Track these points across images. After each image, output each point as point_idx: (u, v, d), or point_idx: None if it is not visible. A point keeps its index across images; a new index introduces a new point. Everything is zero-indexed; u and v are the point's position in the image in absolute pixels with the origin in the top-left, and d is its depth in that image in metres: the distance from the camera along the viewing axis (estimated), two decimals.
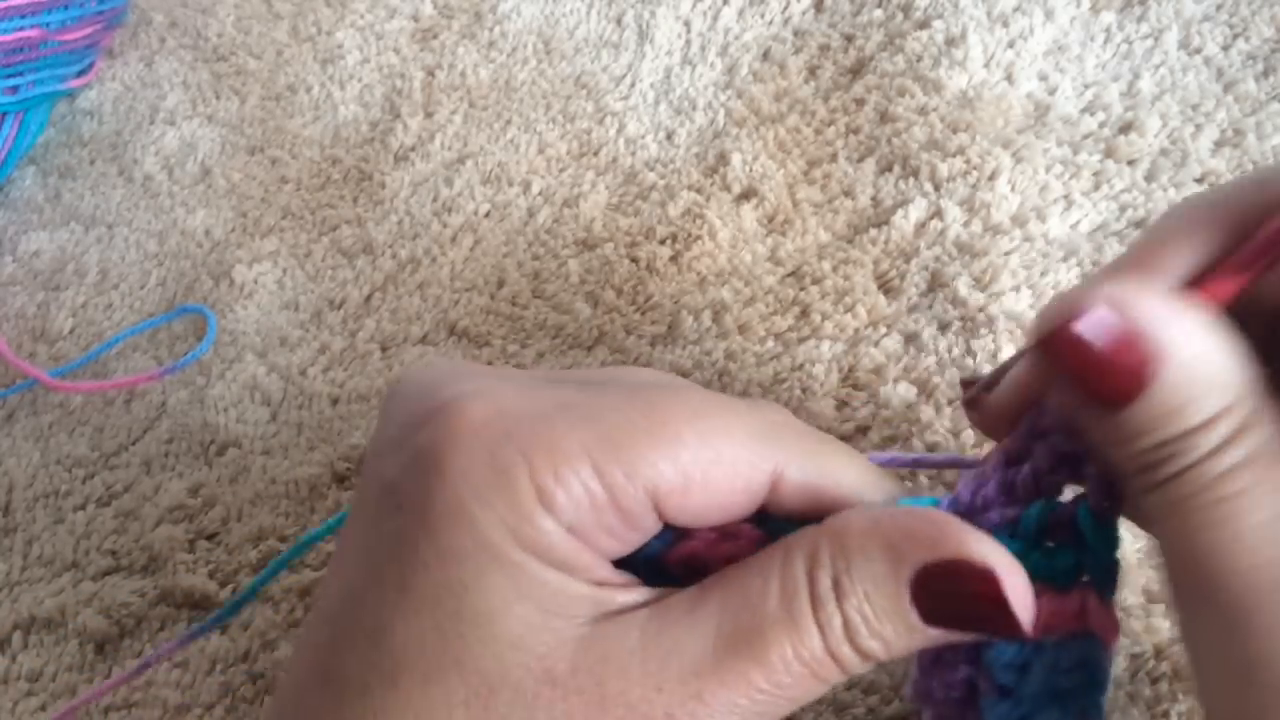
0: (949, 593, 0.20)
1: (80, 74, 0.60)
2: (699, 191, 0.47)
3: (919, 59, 0.48)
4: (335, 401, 0.44)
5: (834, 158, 0.46)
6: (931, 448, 0.36)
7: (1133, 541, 0.32)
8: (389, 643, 0.21)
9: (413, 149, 0.53)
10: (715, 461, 0.22)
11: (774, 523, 0.23)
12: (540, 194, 0.49)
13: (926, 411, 0.37)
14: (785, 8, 0.53)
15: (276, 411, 0.45)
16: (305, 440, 0.43)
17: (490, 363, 0.44)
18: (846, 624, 0.21)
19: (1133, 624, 0.31)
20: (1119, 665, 0.31)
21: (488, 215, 0.49)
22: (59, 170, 0.58)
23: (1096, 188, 0.42)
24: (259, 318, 0.48)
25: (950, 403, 0.37)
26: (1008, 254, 0.41)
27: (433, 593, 0.21)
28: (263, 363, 0.46)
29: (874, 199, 0.44)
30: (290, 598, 0.38)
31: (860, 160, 0.46)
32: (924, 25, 0.49)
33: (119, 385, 0.47)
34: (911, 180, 0.44)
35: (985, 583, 0.20)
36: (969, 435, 0.36)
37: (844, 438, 0.37)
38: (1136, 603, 0.31)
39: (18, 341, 0.51)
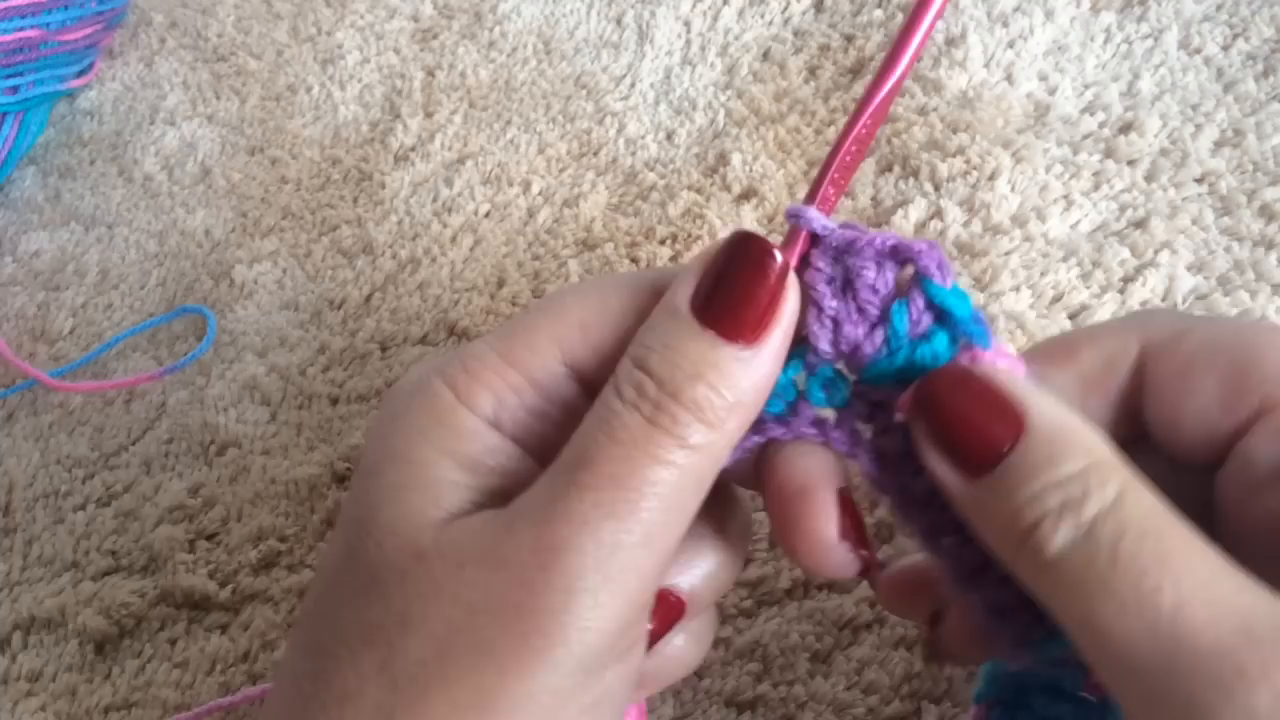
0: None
1: (80, 74, 0.60)
2: (699, 191, 0.47)
3: (919, 59, 0.48)
4: (335, 401, 0.44)
5: None
6: None
7: None
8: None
9: (413, 149, 0.53)
10: (602, 305, 0.23)
11: None
12: (540, 194, 0.49)
13: None
14: (785, 8, 0.53)
15: (276, 411, 0.45)
16: (305, 440, 0.43)
17: None
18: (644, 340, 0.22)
19: None
20: None
21: (488, 215, 0.49)
22: (59, 170, 0.58)
23: (1096, 188, 0.42)
24: (259, 318, 0.48)
25: None
26: (1008, 254, 0.41)
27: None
28: (262, 363, 0.46)
29: (874, 199, 0.44)
30: (290, 598, 0.38)
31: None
32: None
33: (119, 385, 0.47)
34: (911, 180, 0.44)
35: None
36: None
37: None
38: None
39: (18, 341, 0.51)
